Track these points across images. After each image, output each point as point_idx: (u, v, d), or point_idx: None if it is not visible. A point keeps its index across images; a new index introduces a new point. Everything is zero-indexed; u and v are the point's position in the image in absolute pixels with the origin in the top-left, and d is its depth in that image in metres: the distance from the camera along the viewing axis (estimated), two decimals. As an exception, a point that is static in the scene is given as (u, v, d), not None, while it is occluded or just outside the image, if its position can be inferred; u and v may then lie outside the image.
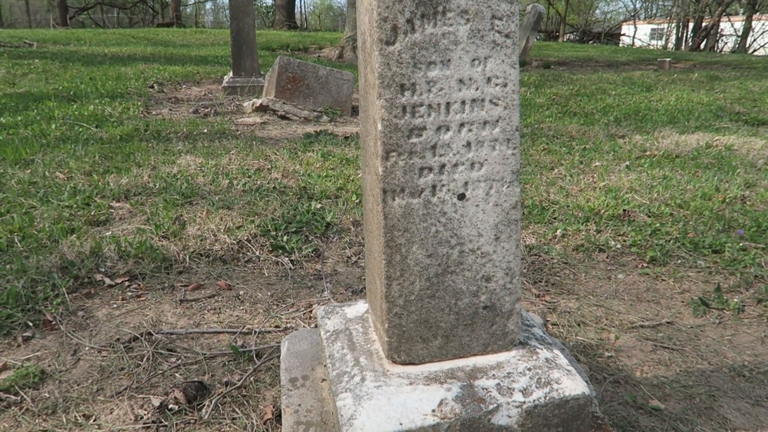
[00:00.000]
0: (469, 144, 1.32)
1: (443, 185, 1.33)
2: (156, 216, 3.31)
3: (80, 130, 5.31)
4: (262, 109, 6.38)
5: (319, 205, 3.58)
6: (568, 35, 34.98)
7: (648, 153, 5.18)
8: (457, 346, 1.48)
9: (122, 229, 3.20)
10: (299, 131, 5.85)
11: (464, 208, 1.36)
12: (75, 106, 6.34)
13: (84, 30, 23.91)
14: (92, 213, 3.35)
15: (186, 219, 3.28)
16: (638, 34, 36.42)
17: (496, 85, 1.29)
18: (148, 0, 34.65)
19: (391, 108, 1.26)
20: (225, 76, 8.29)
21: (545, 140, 5.64)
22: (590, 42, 31.63)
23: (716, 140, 5.60)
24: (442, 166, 1.32)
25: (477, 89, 1.28)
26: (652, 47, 33.97)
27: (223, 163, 4.40)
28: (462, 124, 1.30)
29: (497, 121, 1.32)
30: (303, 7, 40.98)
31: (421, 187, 1.32)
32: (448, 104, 1.28)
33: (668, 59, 13.90)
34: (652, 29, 40.09)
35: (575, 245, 3.21)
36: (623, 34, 36.17)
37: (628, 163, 4.81)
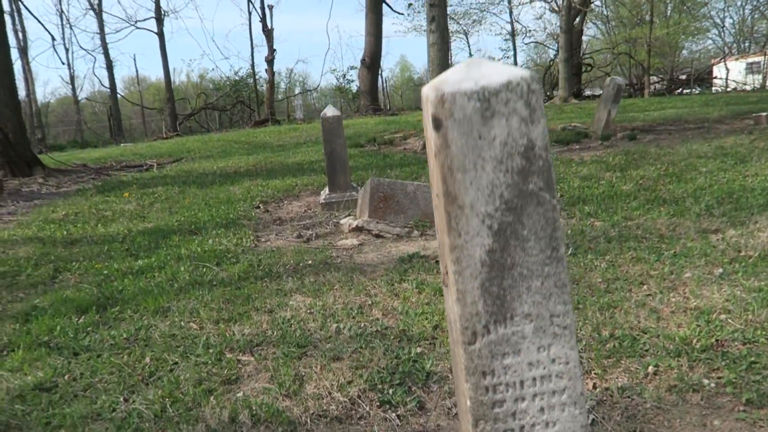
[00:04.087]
0: (542, 409, 1.63)
1: (524, 442, 1.64)
2: (278, 372, 3.79)
3: (204, 270, 6.06)
4: (357, 230, 6.95)
5: (419, 349, 3.93)
6: (654, 85, 34.22)
7: (743, 253, 5.14)
8: None
9: (251, 387, 3.69)
10: (393, 252, 6.32)
11: (543, 457, 1.65)
12: (197, 242, 7.20)
13: (192, 138, 26.55)
14: (224, 371, 3.88)
15: (304, 375, 3.73)
16: (731, 74, 34.94)
17: (560, 363, 1.61)
18: (245, 100, 37.99)
19: (476, 389, 1.60)
20: (322, 192, 9.04)
21: (633, 243, 5.72)
22: (678, 91, 30.74)
23: (818, 230, 5.44)
24: (522, 427, 1.63)
25: (544, 368, 1.61)
26: (747, 86, 32.42)
27: (329, 303, 4.89)
28: (535, 395, 1.62)
29: (564, 390, 1.62)
30: (384, 86, 43.03)
31: (506, 445, 1.63)
32: (521, 381, 1.61)
33: (765, 114, 13.38)
34: (747, 64, 38.32)
35: (668, 385, 3.31)
36: (715, 77, 34.84)
37: (721, 270, 4.80)
